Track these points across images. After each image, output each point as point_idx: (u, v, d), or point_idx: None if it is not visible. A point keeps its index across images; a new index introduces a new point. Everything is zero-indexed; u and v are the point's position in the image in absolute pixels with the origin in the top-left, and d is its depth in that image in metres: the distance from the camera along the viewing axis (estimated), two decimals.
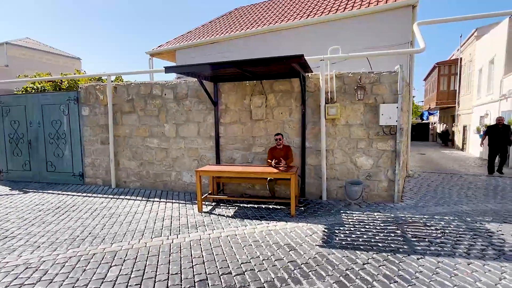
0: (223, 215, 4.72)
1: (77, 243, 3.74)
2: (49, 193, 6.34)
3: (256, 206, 5.19)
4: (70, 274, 2.97)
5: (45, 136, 7.17)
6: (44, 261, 3.26)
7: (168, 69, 4.85)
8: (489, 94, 12.27)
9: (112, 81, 6.74)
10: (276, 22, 9.59)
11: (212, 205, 5.29)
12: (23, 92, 8.73)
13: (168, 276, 2.90)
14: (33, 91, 8.66)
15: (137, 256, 3.35)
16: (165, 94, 6.27)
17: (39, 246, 3.65)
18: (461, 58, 16.99)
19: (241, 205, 5.28)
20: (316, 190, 5.59)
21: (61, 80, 8.81)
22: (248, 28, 10.05)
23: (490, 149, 8.21)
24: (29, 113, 7.24)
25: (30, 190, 6.57)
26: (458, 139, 17.43)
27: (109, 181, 6.81)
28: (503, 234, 3.79)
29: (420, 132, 27.05)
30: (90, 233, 4.08)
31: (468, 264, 3.03)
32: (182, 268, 3.06)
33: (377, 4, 7.96)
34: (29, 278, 2.91)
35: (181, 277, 2.88)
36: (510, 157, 8.36)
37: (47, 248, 3.60)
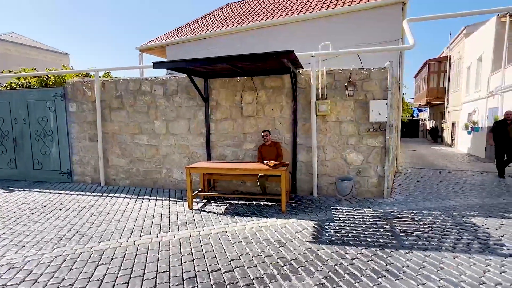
0: (214, 212, 4.70)
1: (63, 242, 3.66)
2: (36, 191, 6.19)
3: (247, 203, 5.18)
4: (55, 274, 2.90)
5: (31, 133, 6.99)
6: (29, 261, 3.18)
7: (156, 65, 4.77)
8: (477, 91, 12.50)
9: (100, 77, 6.60)
10: (268, 18, 9.54)
11: (203, 202, 5.25)
12: (8, 88, 8.48)
13: (157, 274, 2.86)
14: (18, 87, 8.40)
15: (125, 254, 3.29)
16: (155, 90, 6.17)
17: (24, 246, 3.56)
18: (450, 56, 17.25)
19: (232, 202, 5.26)
20: (307, 186, 5.61)
21: (47, 76, 8.58)
22: (239, 24, 9.97)
23: (497, 147, 7.27)
24: (14, 109, 7.04)
25: (16, 189, 6.41)
26: (447, 136, 17.75)
27: (97, 179, 6.70)
28: (488, 228, 3.87)
29: (411, 129, 27.48)
30: (77, 231, 4.00)
31: (454, 258, 3.08)
32: (170, 266, 3.02)
33: (368, 1, 7.98)
34: (12, 278, 2.84)
35: (169, 275, 2.85)
36: None
37: (32, 247, 3.52)
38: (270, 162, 5.08)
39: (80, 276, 2.86)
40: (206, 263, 3.05)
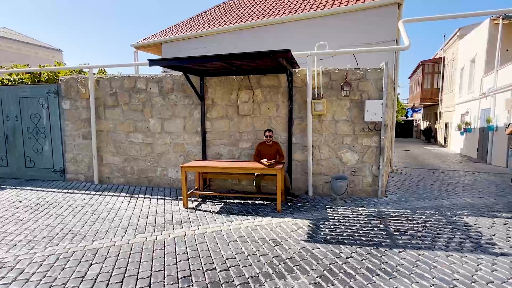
0: (209, 211, 4.68)
1: (56, 240, 3.61)
2: (28, 189, 6.10)
3: (242, 201, 5.18)
4: (47, 273, 2.86)
5: (23, 130, 6.88)
6: (20, 260, 3.13)
7: (152, 62, 4.72)
8: (470, 92, 12.67)
9: (94, 74, 6.52)
10: (264, 17, 9.52)
11: (198, 201, 5.23)
12: None
13: (151, 273, 2.84)
14: (10, 83, 8.26)
15: (119, 253, 3.26)
16: (150, 88, 6.12)
17: (15, 245, 3.50)
18: (444, 57, 17.43)
19: (228, 200, 5.25)
20: (302, 185, 5.62)
21: (40, 72, 8.44)
22: (235, 22, 9.93)
23: None
24: (6, 106, 6.92)
25: (7, 187, 6.30)
26: (440, 136, 17.96)
27: (91, 177, 6.62)
28: (480, 227, 3.93)
29: (405, 129, 27.76)
30: (70, 230, 3.95)
31: (447, 257, 3.12)
32: (165, 265, 3.01)
33: (364, 1, 8.02)
34: (3, 278, 2.79)
35: (164, 274, 2.84)
36: None
37: (24, 246, 3.46)
38: (269, 161, 5.06)
39: (73, 275, 2.83)
40: (201, 262, 3.04)
